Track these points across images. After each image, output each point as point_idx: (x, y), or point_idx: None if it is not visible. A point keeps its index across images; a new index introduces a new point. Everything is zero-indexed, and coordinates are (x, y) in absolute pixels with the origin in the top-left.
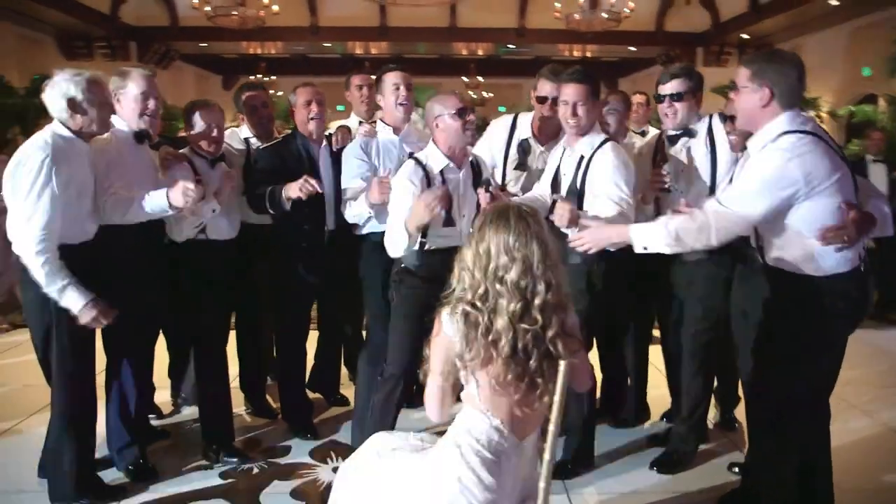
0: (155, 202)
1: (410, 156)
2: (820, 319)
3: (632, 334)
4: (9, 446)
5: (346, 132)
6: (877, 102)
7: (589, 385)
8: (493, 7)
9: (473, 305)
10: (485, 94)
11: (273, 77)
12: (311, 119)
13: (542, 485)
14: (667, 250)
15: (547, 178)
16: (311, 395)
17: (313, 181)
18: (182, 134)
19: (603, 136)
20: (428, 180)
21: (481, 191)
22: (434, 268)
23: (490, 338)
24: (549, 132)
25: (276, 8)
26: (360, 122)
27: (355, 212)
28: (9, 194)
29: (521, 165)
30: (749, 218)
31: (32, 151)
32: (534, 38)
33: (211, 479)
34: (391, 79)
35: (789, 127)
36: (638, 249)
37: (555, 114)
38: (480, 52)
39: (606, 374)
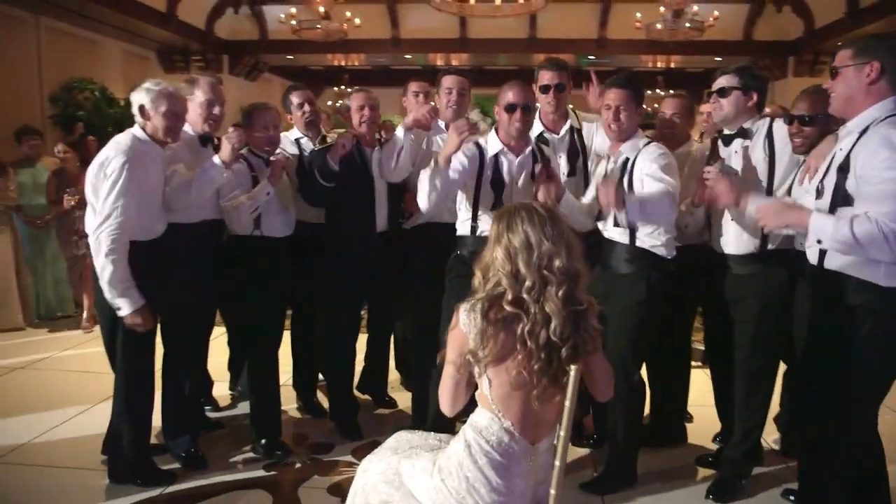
0: (210, 171)
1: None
2: (883, 336)
3: (672, 346)
4: (81, 426)
5: (389, 127)
6: None
7: (609, 394)
8: (574, 17)
9: (517, 301)
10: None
11: (356, 88)
12: (363, 123)
13: (552, 491)
14: (839, 251)
15: (592, 190)
16: (360, 396)
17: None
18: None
19: (646, 140)
20: (481, 159)
21: (538, 166)
22: None
23: (528, 328)
24: (553, 119)
25: (358, 21)
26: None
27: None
28: (90, 193)
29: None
30: None
31: (114, 154)
32: (615, 48)
33: (256, 470)
34: (444, 83)
35: None
36: (810, 243)
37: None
38: None
39: (654, 390)
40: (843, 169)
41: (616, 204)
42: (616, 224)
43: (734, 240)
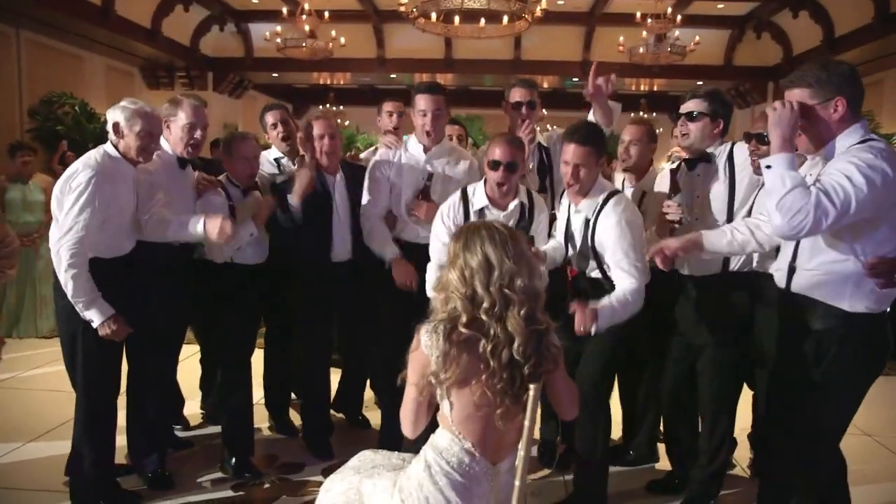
0: (193, 228)
1: (463, 191)
2: (847, 360)
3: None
4: (43, 448)
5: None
6: None
7: (574, 412)
8: (558, 40)
9: (473, 321)
10: (549, 126)
11: (341, 107)
12: (324, 152)
13: None
14: (772, 190)
15: (560, 230)
16: (335, 415)
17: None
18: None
19: (605, 193)
20: (466, 215)
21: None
22: None
23: (489, 347)
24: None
25: (343, 40)
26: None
27: None
28: (55, 206)
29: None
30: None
31: (82, 169)
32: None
33: (224, 490)
34: (418, 103)
35: (867, 136)
36: (777, 266)
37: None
38: (546, 85)
39: (625, 410)
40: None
41: (589, 325)
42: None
43: (695, 262)
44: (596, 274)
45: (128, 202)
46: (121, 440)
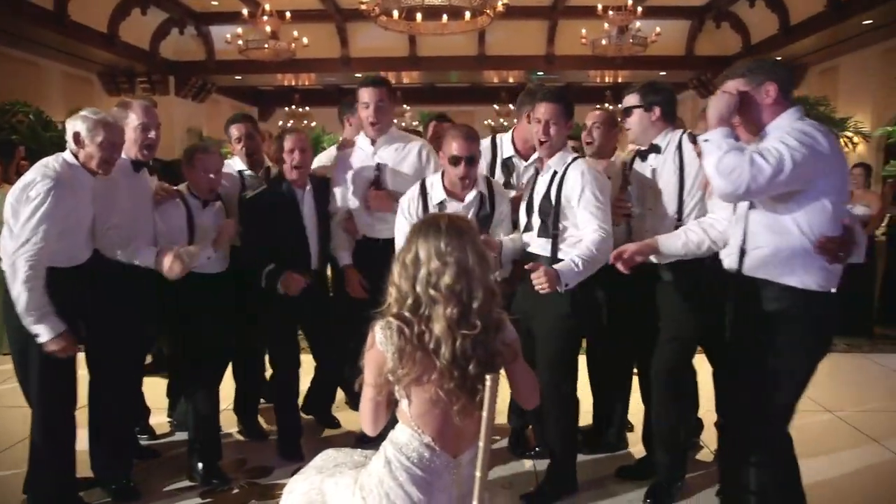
0: (146, 259)
1: (422, 184)
2: (798, 337)
3: (613, 354)
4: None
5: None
6: None
7: (535, 402)
8: (522, 34)
9: (403, 318)
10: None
11: (307, 108)
12: (294, 167)
13: (474, 502)
14: (709, 156)
15: (522, 206)
16: (305, 416)
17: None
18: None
19: (574, 155)
20: (425, 209)
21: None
22: None
23: (431, 346)
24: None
25: (306, 40)
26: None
27: None
28: (9, 215)
29: (507, 184)
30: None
31: (40, 178)
32: (563, 64)
33: (192, 499)
34: (361, 96)
35: (803, 118)
36: (728, 252)
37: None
38: (511, 80)
39: (595, 398)
40: None
41: (552, 287)
42: (540, 235)
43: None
44: (543, 250)
45: (86, 211)
46: (85, 452)
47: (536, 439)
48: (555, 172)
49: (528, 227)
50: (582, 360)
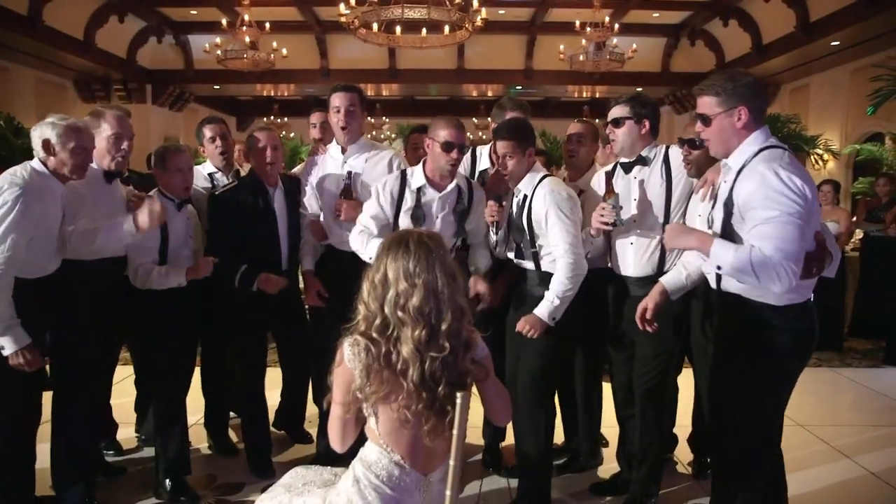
0: (122, 228)
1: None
2: (779, 350)
3: (582, 369)
4: None
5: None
6: (884, 141)
7: (508, 419)
8: (501, 49)
9: (371, 339)
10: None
11: (286, 119)
12: (268, 164)
13: None
14: (736, 279)
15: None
16: (276, 432)
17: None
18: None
19: (542, 173)
20: (401, 193)
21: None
22: None
23: (399, 367)
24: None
25: (285, 51)
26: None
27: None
28: None
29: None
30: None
31: (8, 186)
32: (541, 79)
33: None
34: (332, 101)
35: (767, 143)
36: (708, 269)
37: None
38: (490, 94)
39: (567, 414)
40: (728, 205)
41: (541, 328)
42: (518, 257)
43: (633, 263)
44: (528, 264)
45: (55, 220)
46: (46, 469)
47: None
48: (525, 196)
49: (509, 248)
50: None
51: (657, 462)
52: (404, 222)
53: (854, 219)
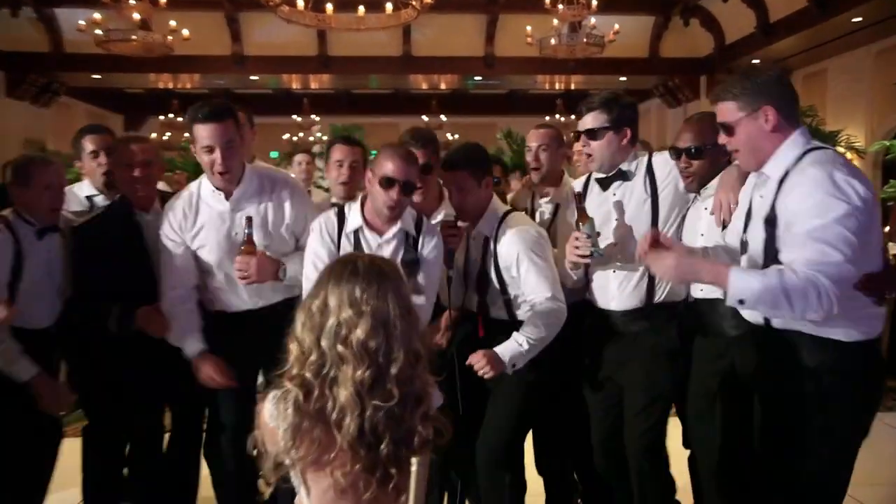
0: None
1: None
2: (854, 396)
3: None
4: None
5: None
6: None
7: None
8: (455, 31)
9: (304, 381)
10: (449, 135)
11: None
12: (137, 184)
13: None
14: (764, 311)
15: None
16: None
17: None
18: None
19: (503, 211)
20: (339, 235)
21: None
22: None
23: (333, 417)
24: None
25: (186, 32)
26: None
27: None
28: None
29: None
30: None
31: None
32: (505, 68)
33: None
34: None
35: (811, 144)
36: (731, 301)
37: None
38: (444, 86)
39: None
40: (770, 222)
41: (496, 369)
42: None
43: (616, 295)
44: (498, 313)
45: None
46: None
47: None
48: (486, 238)
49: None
50: None
51: None
52: None
53: (886, 229)
